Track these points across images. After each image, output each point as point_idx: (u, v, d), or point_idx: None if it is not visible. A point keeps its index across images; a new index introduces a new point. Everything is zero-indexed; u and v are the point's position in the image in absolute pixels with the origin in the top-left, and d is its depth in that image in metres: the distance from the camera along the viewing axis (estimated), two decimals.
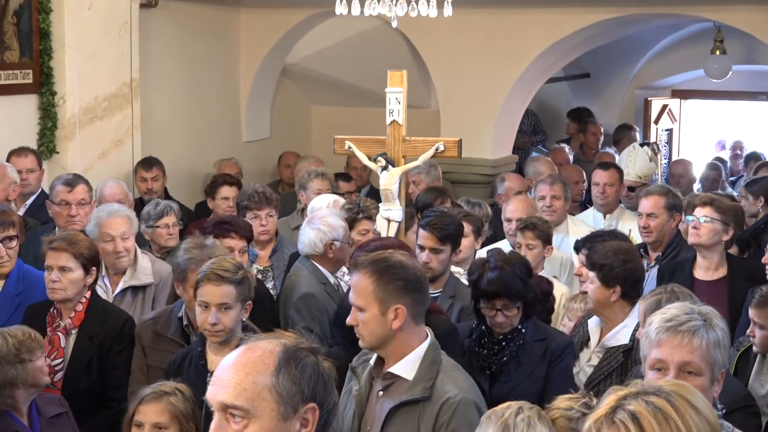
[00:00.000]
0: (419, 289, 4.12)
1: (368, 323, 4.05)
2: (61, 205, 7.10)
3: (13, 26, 8.41)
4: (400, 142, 6.56)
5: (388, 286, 4.03)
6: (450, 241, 5.98)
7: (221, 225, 6.50)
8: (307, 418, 2.70)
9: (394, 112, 6.45)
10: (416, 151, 6.56)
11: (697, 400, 2.51)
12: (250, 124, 11.35)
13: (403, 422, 3.98)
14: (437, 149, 6.37)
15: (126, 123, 9.22)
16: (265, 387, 2.65)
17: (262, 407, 2.65)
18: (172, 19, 10.16)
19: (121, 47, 9.10)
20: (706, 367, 3.46)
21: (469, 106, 10.62)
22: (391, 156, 6.47)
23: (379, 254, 4.23)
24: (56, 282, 5.53)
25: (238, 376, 2.67)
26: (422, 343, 4.11)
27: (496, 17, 10.33)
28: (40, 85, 8.64)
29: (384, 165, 6.36)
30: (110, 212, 6.50)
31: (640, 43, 13.70)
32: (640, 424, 2.42)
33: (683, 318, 3.50)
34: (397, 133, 6.58)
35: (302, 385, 2.68)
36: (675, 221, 7.09)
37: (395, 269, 4.08)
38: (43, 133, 8.67)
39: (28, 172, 7.93)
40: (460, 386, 4.05)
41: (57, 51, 8.66)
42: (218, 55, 10.90)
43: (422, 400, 3.98)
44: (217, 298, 4.81)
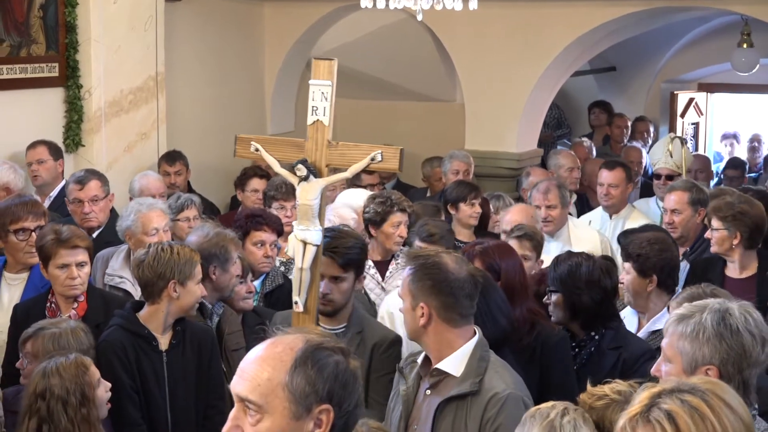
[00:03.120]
0: (450, 294, 4.10)
1: (404, 313, 4.21)
2: (74, 203, 7.12)
3: (39, 20, 8.43)
4: (324, 148, 4.96)
5: (418, 284, 4.11)
6: (353, 267, 5.12)
7: (254, 218, 6.55)
8: (321, 419, 2.68)
9: (319, 109, 4.96)
10: (344, 160, 4.98)
11: (732, 398, 2.49)
12: (275, 118, 11.36)
13: (451, 417, 4.00)
14: (373, 159, 4.84)
15: (151, 116, 9.24)
16: (279, 384, 2.65)
17: (274, 404, 2.65)
18: (197, 13, 10.16)
19: (147, 41, 9.12)
20: (674, 356, 3.45)
21: (494, 99, 10.57)
22: (313, 164, 4.94)
23: (425, 251, 4.34)
24: (77, 279, 5.51)
25: (256, 371, 2.68)
26: (468, 341, 4.12)
27: (522, 10, 10.28)
28: (66, 79, 8.66)
29: (304, 175, 4.87)
30: (149, 206, 6.54)
31: (666, 36, 13.61)
32: (676, 424, 2.41)
33: (686, 309, 3.52)
34: (320, 136, 4.98)
35: (317, 385, 2.66)
36: (700, 216, 7.02)
37: (429, 269, 4.12)
38: (68, 127, 8.70)
39: (38, 164, 7.93)
40: (508, 382, 4.05)
41: (83, 44, 8.68)
42: (243, 48, 10.90)
43: (470, 395, 3.99)
44: None
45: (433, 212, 7.17)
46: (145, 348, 5.11)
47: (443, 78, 11.70)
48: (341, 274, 5.04)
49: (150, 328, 5.14)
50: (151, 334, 5.13)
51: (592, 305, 5.13)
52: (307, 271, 4.77)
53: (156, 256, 5.14)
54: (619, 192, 8.03)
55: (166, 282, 5.11)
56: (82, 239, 5.60)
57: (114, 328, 5.17)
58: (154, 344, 5.12)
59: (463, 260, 4.34)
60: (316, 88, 5.02)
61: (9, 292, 6.00)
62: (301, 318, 4.83)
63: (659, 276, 5.50)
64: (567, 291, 5.16)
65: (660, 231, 6.42)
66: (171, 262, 5.11)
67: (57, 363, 4.48)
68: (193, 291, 5.20)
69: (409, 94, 11.99)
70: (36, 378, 4.44)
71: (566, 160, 9.49)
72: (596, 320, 5.15)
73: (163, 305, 5.15)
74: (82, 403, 4.42)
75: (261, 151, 5.07)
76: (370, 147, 4.97)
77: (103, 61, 8.77)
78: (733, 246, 6.20)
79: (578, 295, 5.13)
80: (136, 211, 6.43)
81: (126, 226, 6.42)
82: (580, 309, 5.15)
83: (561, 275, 5.20)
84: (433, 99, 11.95)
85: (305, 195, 4.85)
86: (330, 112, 4.99)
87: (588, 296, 5.12)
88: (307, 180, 4.86)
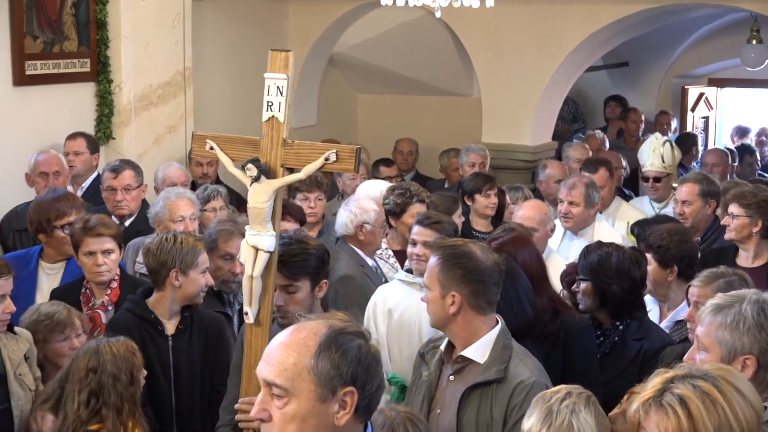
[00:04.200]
0: (480, 282, 4.08)
1: (431, 303, 4.12)
2: (108, 190, 7.16)
3: (71, 17, 8.43)
4: (278, 146, 4.49)
5: (448, 273, 4.05)
6: (305, 276, 4.60)
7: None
8: (346, 400, 2.69)
9: (274, 105, 4.50)
10: (299, 160, 4.49)
11: (742, 384, 2.50)
12: (298, 111, 11.29)
13: (476, 404, 3.98)
14: (327, 159, 4.36)
15: (179, 110, 9.24)
16: (305, 368, 2.67)
17: (301, 387, 2.66)
18: (223, 10, 10.17)
19: (175, 37, 9.12)
20: (711, 345, 3.41)
21: (510, 93, 10.55)
22: (266, 163, 4.47)
23: (453, 241, 4.28)
24: (103, 265, 5.54)
25: (282, 356, 2.69)
26: (492, 329, 4.10)
27: (537, 7, 10.24)
28: (98, 74, 8.67)
29: (255, 175, 4.40)
30: (178, 194, 6.57)
31: (677, 32, 13.56)
32: (688, 408, 2.41)
33: (724, 298, 3.48)
34: (275, 133, 4.51)
35: (341, 368, 2.68)
36: (710, 207, 7.03)
37: (459, 258, 4.09)
38: (100, 120, 8.70)
39: (75, 155, 7.93)
40: (532, 370, 4.02)
41: (113, 41, 8.68)
42: (267, 44, 10.79)
43: (496, 381, 3.97)
44: None
45: (451, 203, 7.14)
46: (151, 332, 5.12)
47: (460, 73, 11.69)
48: (291, 284, 4.56)
49: (157, 313, 5.16)
50: (157, 318, 5.15)
51: (621, 294, 5.08)
52: (258, 280, 4.37)
53: (159, 245, 5.16)
54: (605, 192, 7.79)
55: (168, 270, 5.11)
56: (108, 227, 5.61)
57: (122, 312, 5.22)
58: (159, 329, 5.13)
59: (488, 249, 4.31)
60: (272, 82, 4.56)
61: (48, 281, 6.01)
62: (253, 331, 4.44)
63: (680, 266, 5.52)
64: (597, 280, 5.11)
65: (676, 222, 6.43)
66: (173, 251, 5.12)
67: (109, 342, 4.52)
68: (195, 280, 5.19)
69: (427, 88, 11.98)
70: (88, 354, 4.47)
71: (576, 152, 9.51)
72: (624, 310, 5.10)
73: (167, 292, 5.17)
74: (130, 382, 4.47)
75: (215, 149, 4.59)
76: (325, 146, 4.54)
77: (133, 57, 8.78)
78: (753, 234, 6.17)
79: (608, 284, 5.07)
80: (165, 199, 6.48)
81: (155, 212, 6.48)
82: (608, 298, 5.10)
83: (591, 264, 5.15)
84: (450, 93, 11.95)
85: (256, 197, 4.38)
86: (285, 108, 4.52)
87: (617, 285, 5.07)
88: (258, 181, 4.38)
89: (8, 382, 4.57)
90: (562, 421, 2.97)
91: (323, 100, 11.76)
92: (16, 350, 4.68)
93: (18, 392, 4.62)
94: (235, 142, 4.65)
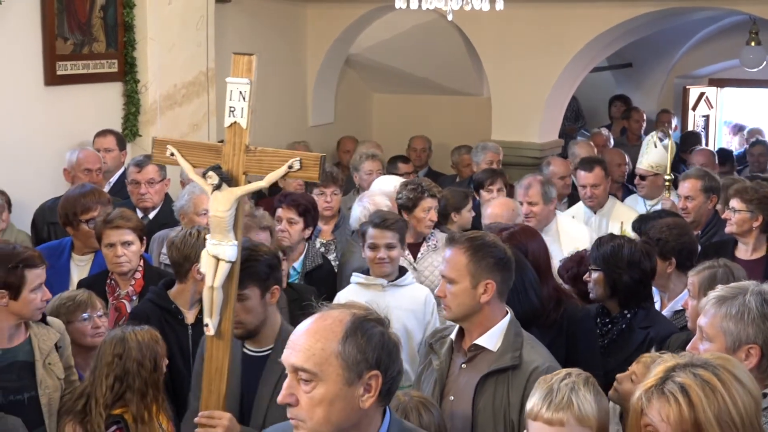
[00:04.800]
0: (508, 269, 4.08)
1: (458, 295, 4.01)
2: (132, 184, 7.19)
3: (100, 20, 8.43)
4: (241, 153, 4.17)
5: (481, 262, 3.99)
6: (253, 283, 4.27)
7: (285, 197, 6.58)
8: (371, 384, 2.72)
9: (236, 110, 4.17)
10: (262, 167, 4.15)
11: (741, 373, 2.51)
12: (316, 110, 11.36)
13: (492, 390, 3.95)
14: (291, 167, 4.04)
15: (202, 109, 9.24)
16: (333, 353, 2.68)
17: (328, 372, 2.68)
18: (244, 14, 10.16)
19: (198, 39, 9.11)
20: (716, 335, 3.38)
21: (518, 93, 10.54)
22: (228, 171, 4.14)
23: (475, 233, 4.22)
24: (122, 256, 5.54)
25: (309, 342, 2.71)
26: (504, 317, 4.07)
27: (544, 11, 10.23)
28: (125, 74, 8.67)
29: (216, 183, 4.09)
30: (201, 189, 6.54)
31: (679, 34, 13.52)
32: (689, 396, 2.42)
33: (725, 290, 3.47)
34: (238, 140, 4.18)
35: (367, 353, 2.71)
36: (712, 202, 7.05)
37: (489, 247, 4.05)
38: (127, 118, 8.71)
39: (106, 152, 7.95)
40: (544, 356, 4.01)
41: (140, 42, 8.68)
42: (287, 46, 10.90)
43: (511, 368, 3.94)
44: None
45: (462, 198, 7.14)
46: (171, 321, 5.10)
47: (471, 73, 11.67)
48: (239, 292, 4.21)
49: (178, 303, 5.14)
50: (177, 308, 5.13)
51: (631, 285, 5.07)
52: (218, 291, 4.09)
53: (183, 240, 5.15)
54: (600, 190, 7.74)
55: (190, 264, 5.07)
56: (128, 220, 5.61)
57: (144, 301, 5.23)
58: (180, 318, 5.12)
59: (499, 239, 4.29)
60: (234, 87, 4.21)
61: (78, 272, 6.03)
62: (214, 343, 4.14)
63: (678, 258, 5.54)
64: (608, 270, 5.09)
65: (677, 217, 6.44)
66: (196, 246, 5.05)
67: (134, 330, 4.53)
68: None
69: (439, 88, 11.96)
70: (114, 341, 4.48)
71: (582, 149, 9.45)
72: (633, 299, 5.09)
73: (189, 285, 5.15)
74: (154, 369, 4.47)
75: (176, 155, 4.27)
76: (289, 153, 4.18)
77: (158, 58, 8.78)
78: (753, 228, 6.18)
79: (619, 274, 5.06)
80: (190, 192, 6.46)
81: (180, 205, 6.46)
82: (619, 287, 5.09)
83: (604, 255, 5.14)
84: (461, 93, 11.93)
85: (217, 205, 4.07)
86: (248, 114, 4.17)
87: (628, 276, 5.06)
88: (219, 189, 4.07)
89: (36, 370, 4.55)
90: (562, 398, 2.98)
91: (340, 99, 11.75)
92: (46, 339, 4.67)
93: (46, 380, 4.60)
94: (196, 148, 4.34)
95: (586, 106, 14.15)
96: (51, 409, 4.59)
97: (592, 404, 2.98)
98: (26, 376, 4.41)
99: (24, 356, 4.56)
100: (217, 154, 4.21)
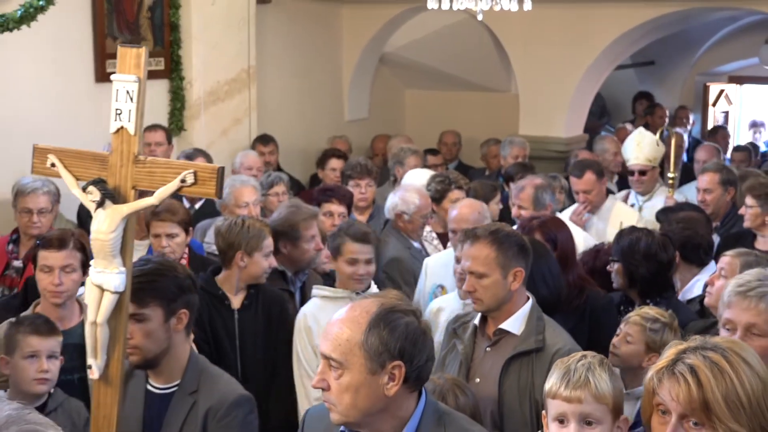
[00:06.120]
0: (529, 254, 4.07)
1: (490, 287, 3.98)
2: None
3: (148, 20, 8.47)
4: (129, 164, 3.31)
5: (508, 252, 3.98)
6: (155, 302, 3.53)
7: (324, 191, 6.62)
8: (395, 373, 2.70)
9: (123, 113, 3.28)
10: (153, 180, 3.30)
11: (750, 356, 2.45)
12: (352, 105, 11.35)
13: (518, 372, 3.94)
14: (184, 181, 3.23)
15: (244, 104, 9.24)
16: (356, 344, 2.68)
17: (353, 361, 2.69)
18: (284, 14, 10.12)
19: (240, 38, 9.12)
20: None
21: (545, 89, 10.46)
22: (115, 185, 3.32)
23: (494, 225, 4.19)
24: (167, 247, 5.58)
25: (337, 332, 2.72)
26: (526, 302, 4.06)
27: (570, 11, 10.12)
28: (171, 71, 8.70)
29: (98, 200, 3.27)
30: (242, 182, 6.57)
31: (700, 33, 13.40)
32: (697, 377, 2.38)
33: (754, 284, 3.37)
34: (126, 148, 3.32)
35: (389, 344, 2.68)
36: (730, 194, 6.96)
37: (512, 237, 4.05)
38: (173, 113, 8.73)
39: (156, 145, 7.93)
40: (566, 339, 4.00)
41: (185, 42, 8.71)
42: (324, 45, 10.90)
43: (535, 351, 3.93)
44: None
45: (490, 190, 7.06)
46: (218, 306, 5.09)
47: (499, 71, 11.61)
48: (139, 311, 3.48)
49: (224, 289, 5.14)
50: (224, 294, 5.13)
51: (648, 276, 5.00)
52: (103, 327, 3.32)
53: (229, 228, 5.16)
54: (594, 195, 7.04)
55: (235, 251, 5.09)
56: (173, 213, 5.63)
57: None
58: (226, 303, 5.12)
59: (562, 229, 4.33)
60: (120, 86, 3.28)
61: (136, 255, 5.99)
62: (102, 389, 3.39)
63: (681, 251, 5.42)
64: (626, 262, 5.04)
65: (695, 210, 6.31)
66: (240, 234, 5.10)
67: None
68: (259, 262, 5.13)
69: (469, 85, 11.92)
70: None
71: (611, 145, 9.28)
72: (652, 290, 5.02)
73: (234, 271, 5.13)
74: None
75: (57, 166, 3.43)
76: (183, 164, 3.33)
77: (203, 56, 8.79)
78: (766, 222, 6.07)
79: (636, 266, 5.01)
80: (231, 186, 6.45)
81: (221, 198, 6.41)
82: (636, 279, 5.04)
83: (622, 247, 5.09)
84: (490, 89, 11.88)
85: (99, 226, 3.26)
86: (137, 117, 3.28)
87: (645, 268, 4.99)
88: (103, 206, 3.26)
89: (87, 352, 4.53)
90: (580, 377, 2.95)
91: (374, 95, 11.72)
92: None
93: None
94: (83, 158, 3.44)
95: (610, 102, 14.05)
96: None
97: (607, 383, 2.96)
98: (77, 358, 4.33)
99: (76, 339, 4.47)
100: (104, 165, 3.36)
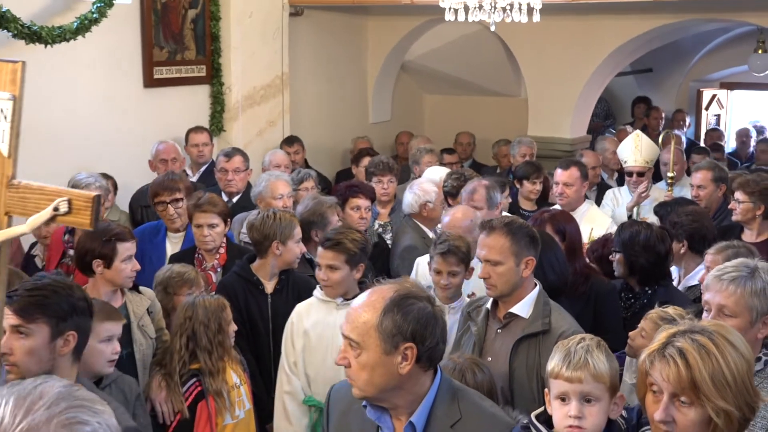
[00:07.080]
0: (539, 243, 4.09)
1: (504, 274, 3.98)
2: (221, 171, 7.23)
3: (191, 31, 8.52)
4: (3, 188, 2.87)
5: (521, 242, 3.99)
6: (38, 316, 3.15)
7: (351, 187, 6.60)
8: (407, 354, 2.72)
9: None
10: (26, 207, 2.86)
11: (735, 338, 2.48)
12: (375, 109, 11.33)
13: (526, 352, 3.95)
14: (57, 209, 2.76)
15: (278, 108, 9.28)
16: (372, 326, 2.72)
17: (369, 342, 2.72)
18: (314, 25, 10.14)
19: (275, 47, 9.16)
20: (741, 310, 3.31)
21: (552, 94, 10.45)
22: None
23: (508, 217, 4.19)
24: (208, 236, 5.58)
25: (357, 315, 2.75)
26: (534, 288, 4.06)
27: (576, 22, 10.11)
28: (212, 78, 8.75)
29: None
30: (277, 176, 6.62)
31: (694, 43, 13.30)
32: (686, 358, 2.41)
33: (729, 269, 3.39)
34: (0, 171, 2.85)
35: (402, 327, 2.71)
36: (721, 190, 6.97)
37: (523, 227, 4.06)
38: (213, 116, 8.79)
39: (203, 146, 8.00)
40: (570, 323, 3.99)
41: (224, 51, 8.76)
42: (350, 53, 10.89)
43: (541, 333, 3.93)
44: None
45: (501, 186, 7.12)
46: (253, 291, 5.14)
47: (510, 77, 11.58)
48: (23, 324, 3.12)
49: (259, 275, 5.18)
50: (259, 280, 5.16)
51: (647, 266, 5.03)
52: None
53: (262, 221, 5.17)
54: (573, 191, 6.82)
55: (270, 241, 5.11)
56: (214, 205, 5.62)
57: (231, 274, 5.26)
58: (260, 288, 5.16)
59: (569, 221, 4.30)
60: None
61: (172, 247, 6.07)
62: None
63: (689, 242, 5.50)
64: (627, 252, 5.06)
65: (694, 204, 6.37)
66: (274, 225, 5.11)
67: (204, 298, 4.57)
68: (292, 249, 5.18)
69: (483, 90, 11.89)
70: (186, 306, 4.54)
71: (611, 145, 9.35)
72: (651, 278, 5.05)
73: (269, 260, 5.17)
74: (218, 331, 4.48)
75: None
76: (56, 191, 2.83)
77: (240, 64, 8.84)
78: (756, 216, 6.10)
79: (636, 257, 5.03)
80: (267, 180, 6.52)
81: (258, 191, 6.50)
82: (636, 268, 5.06)
83: (623, 239, 5.11)
84: (502, 94, 11.84)
85: None
86: (11, 138, 2.73)
87: (644, 258, 5.02)
88: None
89: (132, 330, 4.60)
90: (579, 358, 2.96)
91: (396, 99, 11.72)
92: (139, 305, 4.73)
93: (140, 339, 4.66)
94: None
95: (611, 106, 14.01)
96: (144, 363, 4.65)
97: (604, 363, 2.96)
98: (123, 336, 4.44)
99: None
100: None
